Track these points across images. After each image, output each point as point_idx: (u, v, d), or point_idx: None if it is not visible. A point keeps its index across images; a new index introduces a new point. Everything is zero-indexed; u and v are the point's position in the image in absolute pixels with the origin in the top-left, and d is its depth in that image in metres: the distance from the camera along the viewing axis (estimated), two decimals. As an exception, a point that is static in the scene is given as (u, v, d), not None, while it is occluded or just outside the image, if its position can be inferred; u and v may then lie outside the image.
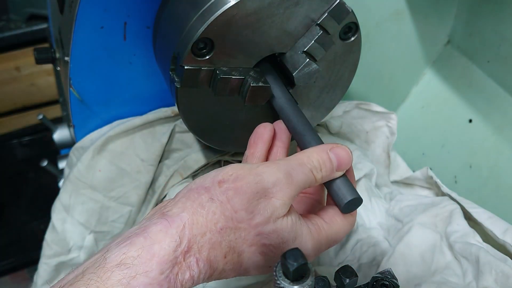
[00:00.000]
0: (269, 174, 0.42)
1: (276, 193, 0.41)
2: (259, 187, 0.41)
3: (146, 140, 0.74)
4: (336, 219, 0.47)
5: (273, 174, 0.42)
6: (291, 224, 0.43)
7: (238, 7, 0.51)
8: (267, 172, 0.42)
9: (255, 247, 0.41)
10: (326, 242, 0.46)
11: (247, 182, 0.41)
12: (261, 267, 0.43)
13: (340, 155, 0.46)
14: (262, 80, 0.56)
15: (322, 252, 0.47)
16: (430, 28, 0.92)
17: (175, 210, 0.39)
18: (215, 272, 0.40)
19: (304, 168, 0.44)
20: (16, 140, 1.55)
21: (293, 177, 0.43)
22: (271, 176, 0.42)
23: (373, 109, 0.83)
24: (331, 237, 0.46)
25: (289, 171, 0.43)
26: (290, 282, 0.40)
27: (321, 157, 0.45)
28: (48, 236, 0.72)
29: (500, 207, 0.80)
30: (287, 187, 0.42)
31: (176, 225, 0.38)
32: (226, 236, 0.40)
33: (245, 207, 0.40)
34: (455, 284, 0.63)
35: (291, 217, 0.43)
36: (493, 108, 0.84)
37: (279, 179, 0.42)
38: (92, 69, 0.69)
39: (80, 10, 0.61)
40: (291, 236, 0.42)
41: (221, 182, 0.41)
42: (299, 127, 0.53)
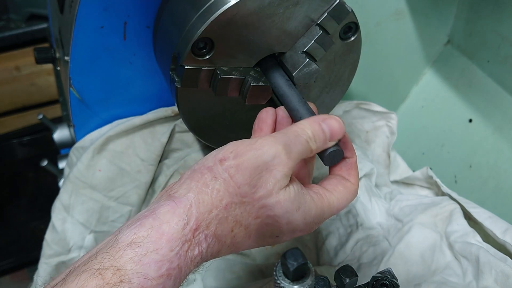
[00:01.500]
0: (268, 147, 0.43)
1: (276, 165, 0.42)
2: (259, 161, 0.42)
3: (146, 140, 0.74)
4: (338, 187, 0.48)
5: (272, 147, 0.43)
6: (294, 194, 0.44)
7: (238, 6, 0.51)
8: (266, 145, 0.43)
9: (261, 219, 0.42)
10: (328, 210, 0.47)
11: (248, 158, 0.42)
12: (268, 238, 0.44)
13: (332, 125, 0.48)
14: (263, 80, 0.56)
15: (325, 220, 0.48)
16: (430, 28, 0.92)
17: (181, 191, 0.41)
18: (223, 246, 0.42)
19: (301, 139, 0.45)
20: (16, 139, 1.55)
21: (291, 148, 0.44)
22: (271, 149, 0.43)
23: (373, 109, 0.83)
24: (333, 204, 0.47)
25: (287, 143, 0.44)
26: (290, 282, 0.40)
27: (314, 128, 0.47)
28: (48, 236, 0.72)
29: (500, 206, 0.80)
30: (287, 158, 0.43)
31: (183, 205, 0.39)
32: (232, 211, 0.41)
33: (248, 182, 0.41)
34: (455, 283, 0.63)
35: (293, 187, 0.44)
36: (493, 108, 0.84)
37: (278, 151, 0.43)
38: (92, 69, 0.69)
39: (80, 10, 0.61)
40: (295, 205, 0.44)
41: (222, 160, 0.42)
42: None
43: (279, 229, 0.44)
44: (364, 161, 0.78)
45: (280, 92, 0.57)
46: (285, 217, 0.43)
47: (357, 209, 0.75)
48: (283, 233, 0.44)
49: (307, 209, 0.45)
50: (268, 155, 0.42)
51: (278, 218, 0.43)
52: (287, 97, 0.56)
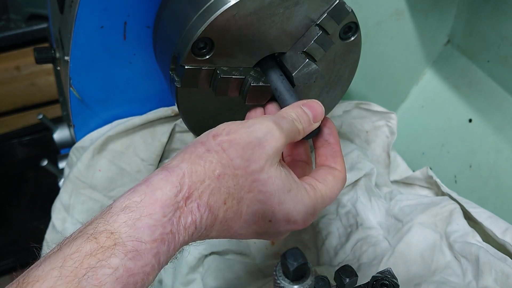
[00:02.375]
0: (260, 125, 0.44)
1: (268, 141, 0.43)
2: (252, 137, 0.43)
3: (146, 140, 0.74)
4: (328, 177, 0.49)
5: (263, 124, 0.44)
6: (285, 175, 0.45)
7: (238, 6, 0.51)
8: (257, 123, 0.44)
9: (253, 193, 0.43)
10: (322, 201, 0.48)
11: (240, 134, 0.43)
12: (261, 221, 0.44)
13: (313, 107, 0.50)
14: (263, 80, 0.56)
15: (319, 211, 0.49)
16: (430, 28, 0.92)
17: (174, 162, 0.41)
18: (216, 220, 0.42)
19: (288, 119, 0.47)
20: (16, 139, 1.55)
21: (281, 125, 0.45)
22: (262, 126, 0.44)
23: (373, 108, 0.83)
24: (326, 195, 0.48)
25: (277, 121, 0.45)
26: (290, 282, 0.40)
27: (297, 111, 0.49)
28: (48, 235, 0.72)
29: (500, 206, 0.80)
30: (278, 134, 0.44)
31: (176, 174, 0.40)
32: (224, 182, 0.41)
33: (241, 155, 0.42)
34: (455, 283, 0.63)
35: (285, 169, 0.45)
36: (493, 108, 0.84)
37: (270, 128, 0.44)
38: (92, 69, 0.69)
39: (80, 10, 0.61)
40: (286, 186, 0.44)
41: (215, 135, 0.43)
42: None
43: (271, 209, 0.44)
44: (364, 161, 0.78)
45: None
46: (277, 196, 0.44)
47: (357, 209, 0.75)
48: (276, 216, 0.45)
49: (299, 196, 0.46)
50: (260, 131, 0.44)
51: (270, 195, 0.43)
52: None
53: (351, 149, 0.80)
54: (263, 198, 0.43)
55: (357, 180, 0.77)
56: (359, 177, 0.77)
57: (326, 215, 0.75)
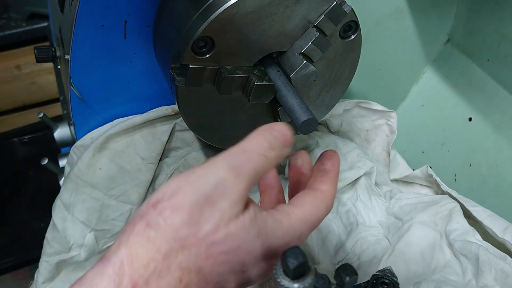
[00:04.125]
0: (208, 176, 0.38)
1: (220, 195, 0.37)
2: (198, 196, 0.37)
3: (147, 139, 0.74)
4: (306, 199, 0.44)
5: (212, 175, 0.38)
6: (249, 221, 0.38)
7: (238, 5, 0.51)
8: (205, 175, 0.38)
9: (212, 259, 0.37)
10: (300, 226, 0.42)
11: (184, 195, 0.37)
12: (233, 275, 0.39)
13: (280, 130, 0.42)
14: (266, 79, 0.56)
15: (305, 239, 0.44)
16: (430, 27, 0.92)
17: (112, 248, 0.36)
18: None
19: (251, 155, 0.40)
20: (16, 138, 1.55)
21: (239, 169, 0.38)
22: (211, 178, 0.37)
23: (373, 107, 0.83)
24: (306, 218, 0.42)
25: (233, 164, 0.38)
26: (291, 281, 0.40)
27: (266, 137, 0.41)
28: (49, 234, 0.72)
29: (499, 205, 0.80)
30: (234, 184, 0.38)
31: (112, 264, 0.35)
32: (173, 259, 0.36)
33: (187, 222, 0.36)
34: (455, 282, 0.63)
35: (248, 214, 0.39)
36: (493, 107, 0.84)
37: (221, 178, 0.37)
38: (92, 68, 0.69)
39: (80, 9, 0.61)
40: (252, 233, 0.38)
41: (155, 203, 0.37)
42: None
43: (240, 263, 0.38)
44: (364, 160, 0.78)
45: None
46: (243, 249, 0.38)
47: (357, 207, 0.75)
48: (248, 265, 0.39)
49: (270, 232, 0.40)
50: (209, 185, 0.37)
51: (234, 252, 0.38)
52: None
53: (351, 148, 0.80)
54: (227, 258, 0.37)
55: (357, 179, 0.77)
56: (359, 176, 0.77)
57: (326, 214, 0.75)
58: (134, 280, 0.34)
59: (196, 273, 0.36)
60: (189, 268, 0.36)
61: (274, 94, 0.58)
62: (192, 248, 0.36)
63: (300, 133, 0.54)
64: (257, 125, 0.66)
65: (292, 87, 0.57)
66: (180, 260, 0.36)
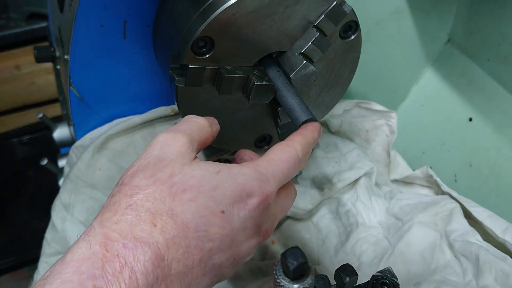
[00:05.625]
0: (153, 145, 0.42)
1: (167, 152, 0.41)
2: (149, 159, 0.41)
3: (146, 139, 0.74)
4: (272, 148, 0.46)
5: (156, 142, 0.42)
6: (204, 163, 0.41)
7: (238, 5, 0.51)
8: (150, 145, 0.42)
9: (178, 198, 0.38)
10: (268, 164, 0.44)
11: (138, 164, 0.41)
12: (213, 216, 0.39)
13: None
14: (266, 79, 0.56)
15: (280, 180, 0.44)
16: (430, 27, 0.92)
17: None
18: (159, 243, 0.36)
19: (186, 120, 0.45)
20: (16, 138, 1.55)
21: (174, 129, 0.43)
22: (156, 144, 0.42)
23: (373, 107, 0.83)
24: (273, 158, 0.45)
25: (169, 129, 0.43)
26: (290, 281, 0.40)
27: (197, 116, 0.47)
28: (48, 234, 0.72)
29: (500, 205, 0.80)
30: (174, 140, 0.42)
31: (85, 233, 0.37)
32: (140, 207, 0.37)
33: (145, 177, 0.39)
34: (455, 282, 0.63)
35: (203, 161, 0.42)
36: (493, 107, 0.84)
37: (162, 140, 0.42)
38: (92, 68, 0.69)
39: (80, 9, 0.61)
40: (211, 170, 0.40)
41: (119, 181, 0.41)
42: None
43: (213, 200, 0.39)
44: (364, 160, 0.78)
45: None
46: (205, 184, 0.39)
47: (357, 208, 0.75)
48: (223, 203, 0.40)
49: (234, 170, 0.41)
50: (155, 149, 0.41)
51: (199, 189, 0.39)
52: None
53: (351, 148, 0.80)
54: (192, 195, 0.39)
55: (357, 179, 0.77)
56: (359, 176, 0.77)
57: (326, 214, 0.75)
58: (107, 235, 0.35)
59: (168, 215, 0.37)
60: (159, 211, 0.37)
61: (274, 94, 0.58)
62: (155, 193, 0.38)
63: None
64: (257, 125, 0.66)
65: (292, 87, 0.57)
66: (147, 206, 0.37)
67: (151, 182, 0.39)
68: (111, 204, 0.38)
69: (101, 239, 0.35)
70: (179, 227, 0.37)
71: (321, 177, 0.77)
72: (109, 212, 0.37)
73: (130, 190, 0.38)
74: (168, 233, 0.36)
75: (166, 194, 0.38)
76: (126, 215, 0.36)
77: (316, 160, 0.78)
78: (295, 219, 0.75)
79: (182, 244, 0.37)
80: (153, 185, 0.38)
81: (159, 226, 0.36)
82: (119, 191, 0.39)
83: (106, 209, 0.38)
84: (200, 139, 0.44)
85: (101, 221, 0.37)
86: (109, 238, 0.35)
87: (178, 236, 0.37)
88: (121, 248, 0.34)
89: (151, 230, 0.36)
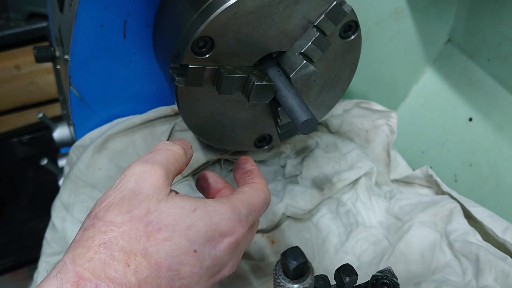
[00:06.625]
0: (127, 177, 0.41)
1: (142, 185, 0.40)
2: (124, 193, 0.40)
3: (146, 139, 0.74)
4: (244, 188, 0.48)
5: (130, 173, 0.42)
6: (180, 199, 0.41)
7: (238, 5, 0.51)
8: (123, 178, 0.42)
9: (153, 238, 0.38)
10: (242, 205, 0.45)
11: (112, 197, 0.40)
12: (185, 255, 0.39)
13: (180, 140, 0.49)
14: (266, 79, 0.56)
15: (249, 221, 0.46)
16: (431, 27, 0.92)
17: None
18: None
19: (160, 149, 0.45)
20: (16, 138, 1.55)
21: (150, 160, 0.43)
22: (130, 176, 0.41)
23: (373, 107, 0.83)
24: (247, 199, 0.46)
25: (147, 159, 0.43)
26: (290, 281, 0.40)
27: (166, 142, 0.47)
28: (48, 234, 0.72)
29: (500, 205, 0.80)
30: (150, 172, 0.41)
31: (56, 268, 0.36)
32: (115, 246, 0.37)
33: (120, 213, 0.39)
34: (455, 282, 0.63)
35: (179, 195, 0.42)
36: (493, 107, 0.84)
37: (138, 172, 0.41)
38: (92, 68, 0.69)
39: (80, 9, 0.61)
40: (187, 207, 0.41)
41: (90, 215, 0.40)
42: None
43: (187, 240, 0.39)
44: (364, 160, 0.78)
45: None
46: (181, 223, 0.40)
47: (357, 208, 0.75)
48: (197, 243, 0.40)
49: (210, 208, 0.42)
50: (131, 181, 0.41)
51: (174, 228, 0.39)
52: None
53: (351, 148, 0.80)
54: (166, 234, 0.39)
55: (357, 179, 0.77)
56: (359, 176, 0.77)
57: (326, 214, 0.75)
58: (79, 273, 0.35)
59: (142, 255, 0.37)
60: (133, 251, 0.37)
61: (274, 94, 0.57)
62: (130, 231, 0.38)
63: (300, 133, 0.54)
64: (257, 125, 0.66)
65: (292, 87, 0.57)
66: (122, 245, 0.37)
67: (126, 219, 0.38)
68: (83, 239, 0.38)
69: (73, 277, 0.35)
70: (152, 267, 0.37)
71: (321, 177, 0.77)
72: (81, 248, 0.37)
73: (105, 226, 0.38)
74: (141, 274, 0.37)
75: (142, 233, 0.38)
76: (99, 253, 0.36)
77: (316, 160, 0.78)
78: (295, 219, 0.75)
79: (154, 283, 0.37)
80: (129, 222, 0.38)
81: (132, 267, 0.36)
82: (92, 225, 0.38)
83: (79, 243, 0.38)
84: (175, 170, 0.45)
85: (73, 258, 0.36)
86: (82, 277, 0.35)
87: (151, 276, 0.37)
88: None
89: (125, 270, 0.36)
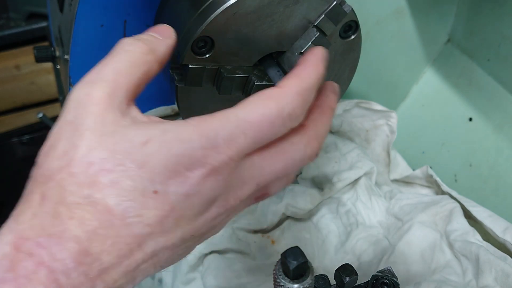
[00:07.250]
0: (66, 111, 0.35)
1: (80, 116, 0.33)
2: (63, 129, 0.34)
3: (146, 139, 0.74)
4: (252, 97, 0.37)
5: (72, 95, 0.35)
6: (130, 129, 0.33)
7: (238, 5, 0.51)
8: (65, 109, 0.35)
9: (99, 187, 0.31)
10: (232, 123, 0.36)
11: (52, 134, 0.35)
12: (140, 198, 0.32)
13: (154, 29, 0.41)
14: (266, 79, 0.56)
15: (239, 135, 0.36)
16: (431, 27, 0.92)
17: None
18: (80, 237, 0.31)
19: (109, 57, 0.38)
20: (16, 138, 1.55)
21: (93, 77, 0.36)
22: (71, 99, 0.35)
23: (373, 107, 0.83)
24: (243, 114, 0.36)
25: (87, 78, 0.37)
26: (290, 281, 0.40)
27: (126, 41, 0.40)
28: (48, 234, 0.72)
29: (500, 205, 0.80)
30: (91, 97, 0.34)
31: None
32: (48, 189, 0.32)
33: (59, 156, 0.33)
34: (455, 282, 0.63)
35: (132, 122, 0.34)
36: (493, 107, 0.84)
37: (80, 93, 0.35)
38: (92, 68, 0.69)
39: (80, 8, 0.61)
40: (138, 140, 0.32)
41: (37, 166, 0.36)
42: None
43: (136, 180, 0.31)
44: (364, 160, 0.78)
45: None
46: (131, 160, 0.31)
47: (357, 208, 0.75)
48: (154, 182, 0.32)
49: (169, 138, 0.33)
50: (70, 105, 0.34)
51: (121, 168, 0.31)
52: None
53: (351, 148, 0.80)
54: (112, 177, 0.31)
55: (357, 179, 0.77)
56: (359, 176, 0.77)
57: (326, 214, 0.75)
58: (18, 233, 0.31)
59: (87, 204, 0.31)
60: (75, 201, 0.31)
61: None
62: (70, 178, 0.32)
63: None
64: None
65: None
66: (62, 196, 0.32)
67: (64, 163, 0.32)
68: (25, 195, 0.34)
69: (12, 238, 0.31)
70: (102, 216, 0.31)
71: (321, 177, 0.77)
72: (23, 205, 0.33)
73: (43, 175, 0.33)
74: (88, 225, 0.31)
75: (83, 178, 0.31)
76: (41, 207, 0.32)
77: (316, 160, 0.78)
78: (295, 219, 0.75)
79: (109, 234, 0.31)
80: (67, 167, 0.32)
81: (76, 218, 0.31)
82: (33, 176, 0.34)
83: (21, 200, 0.34)
84: (133, 80, 0.36)
85: (15, 216, 0.33)
86: (21, 236, 0.31)
87: (102, 226, 0.31)
88: (35, 247, 0.30)
89: (67, 223, 0.31)
